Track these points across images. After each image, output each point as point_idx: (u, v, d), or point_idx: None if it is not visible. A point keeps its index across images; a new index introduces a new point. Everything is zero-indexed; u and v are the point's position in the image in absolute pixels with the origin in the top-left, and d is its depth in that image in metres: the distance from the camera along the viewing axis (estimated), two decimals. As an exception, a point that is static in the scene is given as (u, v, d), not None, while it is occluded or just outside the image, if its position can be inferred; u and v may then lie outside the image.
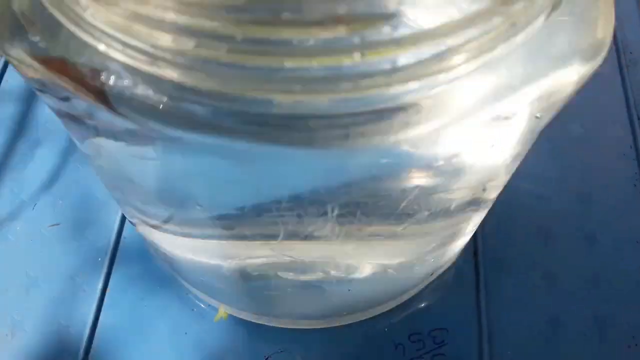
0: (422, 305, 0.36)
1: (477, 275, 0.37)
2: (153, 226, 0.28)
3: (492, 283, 0.36)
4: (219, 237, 0.26)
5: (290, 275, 0.29)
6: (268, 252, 0.26)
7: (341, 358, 0.34)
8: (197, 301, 0.36)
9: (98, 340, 0.35)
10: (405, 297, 0.35)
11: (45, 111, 0.43)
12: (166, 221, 0.26)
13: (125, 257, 0.38)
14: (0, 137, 0.42)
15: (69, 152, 0.42)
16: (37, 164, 0.41)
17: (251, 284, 0.30)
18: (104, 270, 0.37)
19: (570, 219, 0.39)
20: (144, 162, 0.21)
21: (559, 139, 0.41)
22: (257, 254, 0.27)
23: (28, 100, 0.44)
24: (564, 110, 0.19)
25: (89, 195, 0.40)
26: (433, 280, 0.36)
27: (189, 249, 0.29)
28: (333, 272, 0.28)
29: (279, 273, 0.29)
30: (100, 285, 0.37)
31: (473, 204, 0.25)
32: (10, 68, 0.46)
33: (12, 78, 0.45)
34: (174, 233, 0.27)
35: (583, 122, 0.42)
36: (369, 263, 0.28)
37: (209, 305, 0.36)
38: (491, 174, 0.24)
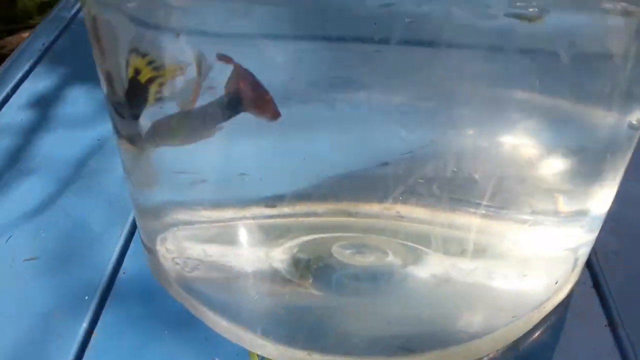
0: (538, 345, 0.25)
1: (606, 310, 0.27)
2: (192, 206, 0.24)
3: (629, 318, 0.26)
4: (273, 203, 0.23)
5: (345, 255, 0.24)
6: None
7: None
8: (218, 347, 0.25)
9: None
10: (511, 334, 0.25)
11: (41, 143, 0.37)
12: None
13: (122, 296, 0.28)
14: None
15: (65, 182, 0.34)
16: (20, 194, 0.33)
17: (294, 286, 0.24)
18: (91, 310, 0.27)
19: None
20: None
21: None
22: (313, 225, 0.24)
23: (24, 134, 0.38)
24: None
25: (81, 227, 0.31)
26: (547, 316, 0.26)
27: (230, 238, 0.25)
28: (390, 257, 0.24)
29: (334, 249, 0.24)
30: (83, 329, 0.26)
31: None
32: (7, 105, 0.40)
33: (7, 114, 0.39)
34: (212, 219, 0.24)
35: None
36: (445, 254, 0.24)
37: (236, 352, 0.25)
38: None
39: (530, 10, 0.18)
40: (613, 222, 0.28)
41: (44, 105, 0.40)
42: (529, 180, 0.22)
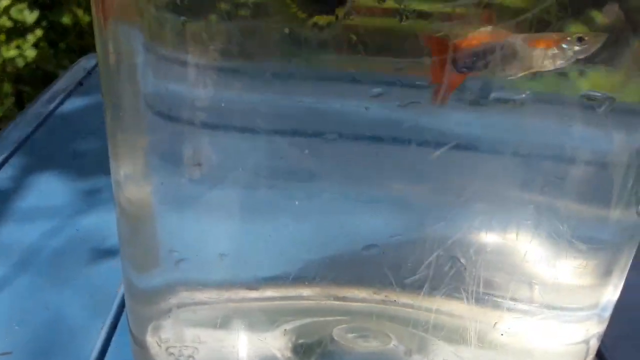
0: None
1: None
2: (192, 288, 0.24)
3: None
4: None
5: (348, 339, 0.24)
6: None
7: None
8: None
9: None
10: None
11: (19, 234, 0.36)
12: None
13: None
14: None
15: (43, 274, 0.32)
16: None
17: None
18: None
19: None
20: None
21: None
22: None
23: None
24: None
25: (60, 319, 0.29)
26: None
27: (226, 321, 0.24)
28: (394, 342, 0.24)
29: (335, 333, 0.24)
30: None
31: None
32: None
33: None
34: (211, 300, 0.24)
35: None
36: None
37: None
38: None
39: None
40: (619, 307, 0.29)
41: (21, 197, 0.40)
42: (537, 274, 0.23)
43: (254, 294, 0.24)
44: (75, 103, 0.51)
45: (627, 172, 0.21)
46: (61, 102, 0.51)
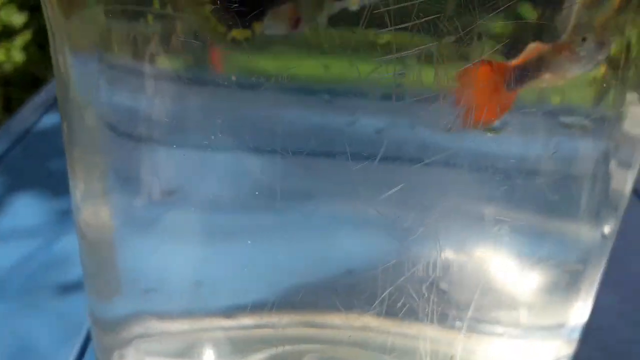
0: None
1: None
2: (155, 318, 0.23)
3: None
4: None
5: None
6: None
7: None
8: None
9: None
10: None
11: None
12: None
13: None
14: None
15: (17, 301, 0.32)
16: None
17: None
18: None
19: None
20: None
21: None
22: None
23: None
24: None
25: (27, 346, 0.29)
26: None
27: (194, 352, 0.23)
28: None
29: None
30: None
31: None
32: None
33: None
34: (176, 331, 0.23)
35: None
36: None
37: None
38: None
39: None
40: (593, 333, 0.29)
41: None
42: (503, 293, 0.23)
43: (223, 322, 0.23)
44: (53, 119, 0.51)
45: (592, 189, 0.21)
46: (39, 119, 0.50)
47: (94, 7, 0.19)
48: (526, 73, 0.18)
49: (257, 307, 0.22)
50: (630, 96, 0.20)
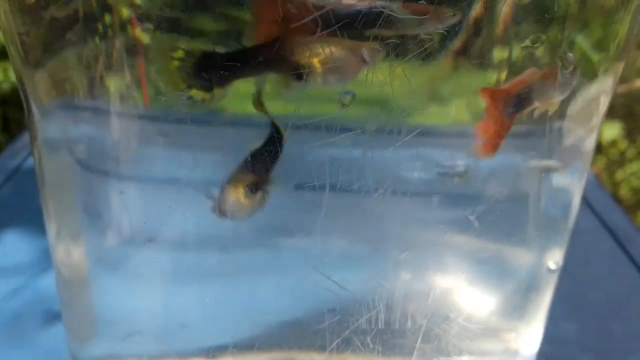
0: None
1: None
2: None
3: None
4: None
5: None
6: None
7: None
8: None
9: None
10: None
11: None
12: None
13: None
14: None
15: (2, 336, 0.33)
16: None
17: None
18: None
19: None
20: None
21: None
22: None
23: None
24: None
25: None
26: None
27: None
28: None
29: None
30: None
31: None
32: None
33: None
34: None
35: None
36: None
37: None
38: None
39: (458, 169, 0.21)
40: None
41: None
42: (457, 321, 0.24)
43: None
44: None
45: (533, 217, 0.22)
46: (27, 156, 0.52)
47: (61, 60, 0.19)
48: (521, 100, 0.19)
49: (239, 348, 0.23)
50: (569, 124, 0.21)
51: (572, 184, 0.23)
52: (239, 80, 0.18)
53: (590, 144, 0.22)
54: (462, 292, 0.23)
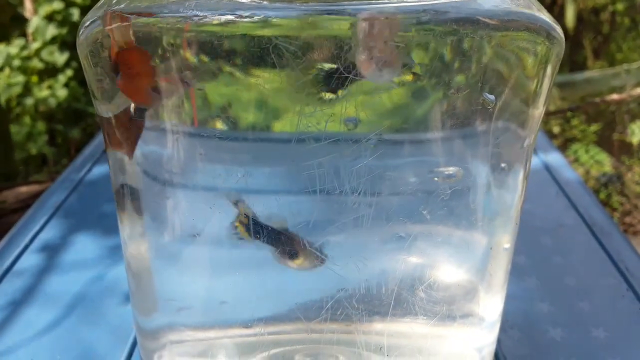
0: None
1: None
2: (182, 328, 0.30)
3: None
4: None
5: None
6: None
7: None
8: None
9: None
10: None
11: (56, 282, 0.44)
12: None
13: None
14: None
15: (76, 314, 0.41)
16: (39, 323, 0.40)
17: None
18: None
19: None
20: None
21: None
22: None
23: (41, 275, 0.45)
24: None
25: (89, 350, 0.38)
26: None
27: (214, 353, 0.30)
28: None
29: (297, 359, 0.30)
30: None
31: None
32: (26, 251, 0.48)
33: (26, 259, 0.47)
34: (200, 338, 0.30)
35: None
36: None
37: None
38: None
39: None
40: (521, 333, 0.36)
41: (57, 252, 0.48)
42: (426, 291, 0.29)
43: (242, 331, 0.29)
44: (101, 169, 0.60)
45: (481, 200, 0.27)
46: (89, 170, 0.59)
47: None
48: None
49: (270, 320, 0.29)
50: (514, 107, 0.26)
51: (513, 182, 0.28)
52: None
53: (528, 144, 0.28)
54: (429, 267, 0.29)
